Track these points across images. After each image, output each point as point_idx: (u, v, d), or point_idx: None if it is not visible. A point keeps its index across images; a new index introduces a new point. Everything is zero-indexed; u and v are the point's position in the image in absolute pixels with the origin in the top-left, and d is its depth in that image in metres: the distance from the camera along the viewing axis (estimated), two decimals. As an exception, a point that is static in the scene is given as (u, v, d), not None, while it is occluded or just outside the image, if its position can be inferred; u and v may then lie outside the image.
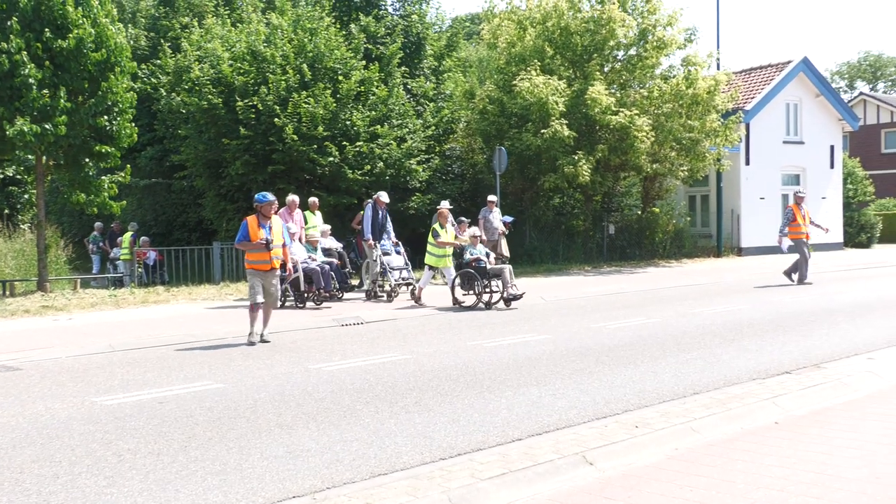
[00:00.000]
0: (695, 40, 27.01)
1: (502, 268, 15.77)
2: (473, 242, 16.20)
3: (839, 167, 34.73)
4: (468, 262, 15.75)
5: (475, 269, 15.60)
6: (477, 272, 15.53)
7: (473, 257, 15.80)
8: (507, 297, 15.50)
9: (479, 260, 15.71)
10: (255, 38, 24.00)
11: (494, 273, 15.67)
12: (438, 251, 16.32)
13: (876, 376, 8.57)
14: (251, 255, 11.81)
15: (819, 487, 5.27)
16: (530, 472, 5.66)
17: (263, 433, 6.85)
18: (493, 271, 15.71)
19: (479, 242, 16.51)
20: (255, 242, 11.65)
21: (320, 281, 15.77)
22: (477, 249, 16.07)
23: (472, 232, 16.45)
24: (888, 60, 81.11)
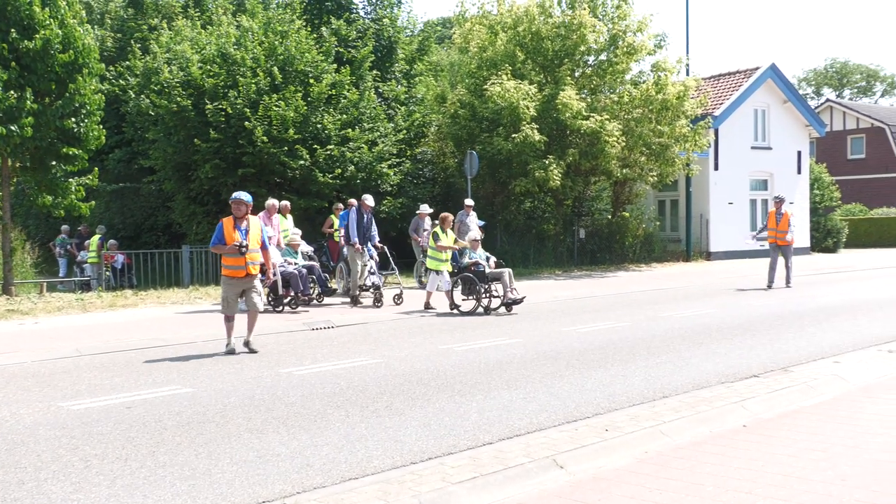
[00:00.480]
0: (664, 46, 27.30)
1: (502, 271, 15.41)
2: (473, 246, 15.95)
3: (806, 173, 35.16)
4: (466, 265, 15.52)
5: (474, 272, 15.36)
6: (476, 276, 15.26)
7: (472, 261, 15.57)
8: (507, 302, 15.22)
9: (477, 264, 15.48)
10: (225, 40, 23.86)
11: (494, 277, 15.40)
12: (439, 255, 15.96)
13: (842, 379, 8.68)
14: (227, 260, 11.13)
15: (786, 489, 5.33)
16: (501, 475, 5.66)
17: (233, 438, 6.80)
18: (493, 275, 15.44)
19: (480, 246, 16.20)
20: (230, 246, 10.96)
21: (298, 285, 15.67)
22: (476, 253, 15.82)
23: (472, 235, 16.25)
24: (854, 67, 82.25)
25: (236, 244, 10.88)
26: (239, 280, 11.15)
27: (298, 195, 22.54)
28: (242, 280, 11.17)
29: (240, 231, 11.03)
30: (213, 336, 12.62)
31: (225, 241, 10.98)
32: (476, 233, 16.56)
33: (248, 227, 11.15)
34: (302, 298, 15.86)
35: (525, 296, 15.50)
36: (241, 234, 11.01)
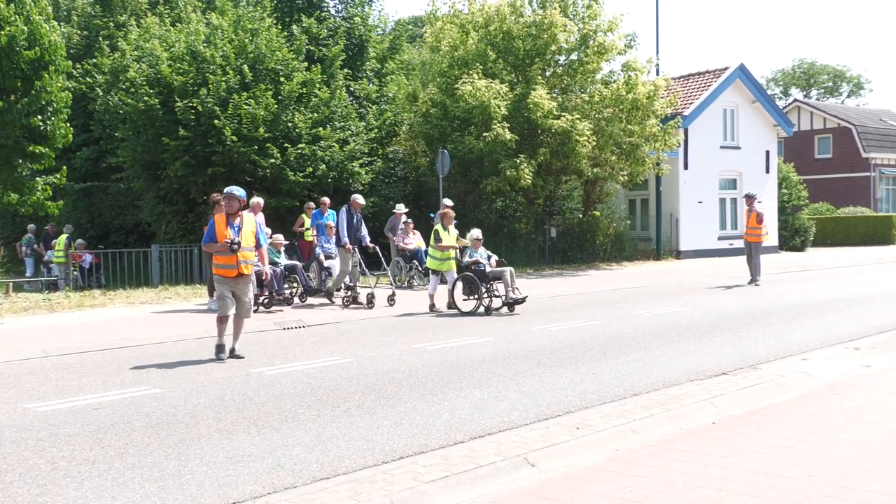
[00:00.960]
0: (635, 46, 27.41)
1: (503, 270, 14.95)
2: (475, 245, 15.43)
3: (774, 172, 35.53)
4: (467, 265, 15.13)
5: (474, 272, 14.96)
6: (476, 275, 14.87)
7: (472, 260, 15.15)
8: (508, 302, 14.79)
9: (478, 263, 15.07)
10: (194, 38, 23.66)
11: (495, 276, 15.01)
12: (440, 254, 15.58)
13: (810, 376, 8.78)
14: (218, 258, 10.55)
15: (755, 486, 5.37)
16: (472, 474, 5.66)
17: (203, 439, 6.75)
18: (494, 274, 15.04)
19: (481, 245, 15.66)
20: (220, 244, 10.40)
21: (273, 284, 15.56)
22: (478, 252, 15.35)
23: (474, 234, 15.58)
24: (821, 68, 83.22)
25: (227, 241, 10.34)
26: (231, 280, 10.57)
27: (269, 194, 22.40)
28: (235, 280, 10.58)
29: (232, 228, 10.50)
30: (183, 336, 12.54)
31: (216, 238, 10.47)
32: (477, 231, 15.80)
33: (241, 224, 10.63)
34: (277, 298, 15.76)
35: (527, 295, 15.08)
36: (234, 231, 10.47)
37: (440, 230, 15.65)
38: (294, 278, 16.50)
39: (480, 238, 15.55)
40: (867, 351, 10.32)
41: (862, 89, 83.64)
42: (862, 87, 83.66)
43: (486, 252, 15.67)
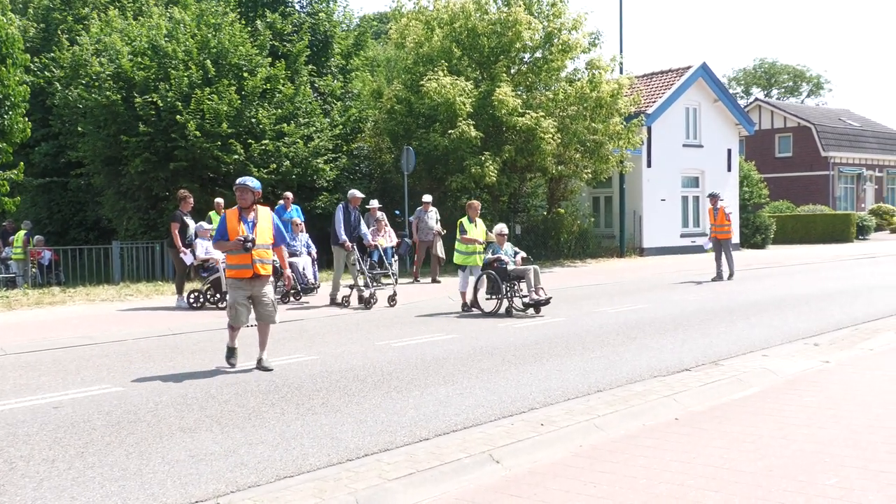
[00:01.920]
0: (599, 44, 27.50)
1: (527, 269, 14.09)
2: (499, 241, 14.58)
3: (736, 170, 35.92)
4: (489, 261, 14.32)
5: (496, 269, 14.17)
6: (497, 273, 14.08)
7: (495, 256, 14.28)
8: (531, 303, 13.93)
9: (500, 260, 14.21)
10: (156, 32, 23.39)
11: (517, 275, 14.15)
12: (466, 248, 14.77)
13: (770, 373, 8.89)
14: (230, 258, 9.54)
15: (717, 481, 5.43)
16: (437, 471, 5.66)
17: (165, 437, 6.68)
18: (516, 273, 14.18)
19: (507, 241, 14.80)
20: (233, 242, 9.33)
21: None
22: (502, 249, 14.49)
23: (498, 229, 14.71)
24: (782, 68, 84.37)
25: (240, 239, 9.28)
26: (246, 282, 9.44)
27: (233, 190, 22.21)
28: (250, 282, 9.43)
29: (245, 224, 9.43)
30: (146, 334, 12.40)
31: (228, 235, 9.40)
32: (502, 226, 14.84)
33: (256, 220, 9.52)
34: None
35: (551, 297, 14.20)
36: (248, 227, 9.41)
37: (465, 223, 14.91)
38: None
39: (505, 233, 14.75)
40: (826, 347, 10.48)
41: (821, 89, 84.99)
42: (821, 87, 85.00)
43: (513, 248, 14.86)
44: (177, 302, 15.59)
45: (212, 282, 15.26)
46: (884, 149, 55.28)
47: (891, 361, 9.48)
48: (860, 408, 7.25)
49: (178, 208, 16.01)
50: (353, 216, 15.75)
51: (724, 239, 20.58)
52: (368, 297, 15.17)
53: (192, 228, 15.73)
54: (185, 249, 15.42)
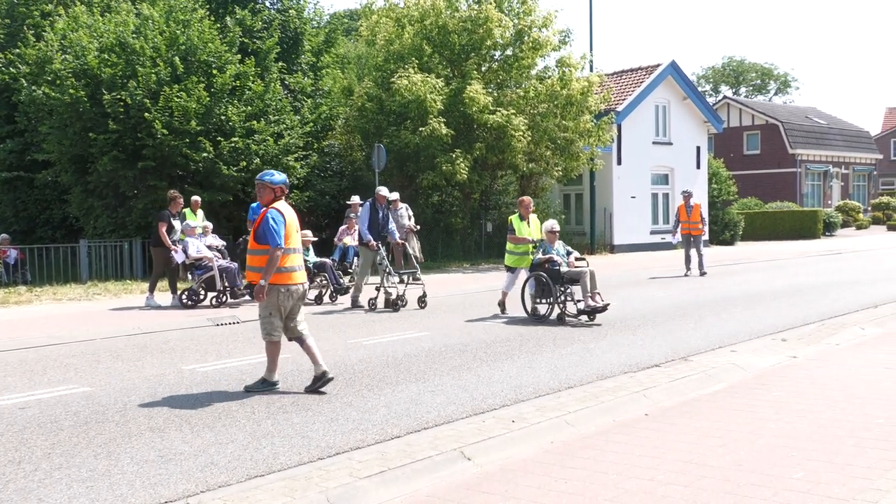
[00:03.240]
0: (569, 42, 27.67)
1: (582, 271, 12.71)
2: (550, 239, 13.30)
3: (705, 167, 36.24)
4: (539, 262, 13.04)
5: (547, 271, 12.85)
6: (549, 276, 12.75)
7: (546, 257, 12.99)
8: (587, 310, 12.54)
9: (552, 261, 12.94)
10: (124, 28, 23.12)
11: (571, 278, 12.77)
12: (518, 248, 13.68)
13: (739, 368, 8.98)
14: (281, 259, 8.00)
15: (686, 476, 5.47)
16: (409, 469, 5.66)
17: (134, 437, 6.62)
18: (570, 275, 12.80)
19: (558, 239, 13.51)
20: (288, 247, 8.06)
21: (234, 279, 15.33)
22: (553, 248, 13.22)
23: (549, 226, 13.35)
24: (750, 66, 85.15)
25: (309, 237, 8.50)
26: (298, 289, 8.25)
27: (202, 188, 22.05)
28: (303, 287, 8.33)
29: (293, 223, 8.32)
30: (114, 333, 12.28)
31: (283, 238, 8.00)
32: (553, 222, 13.51)
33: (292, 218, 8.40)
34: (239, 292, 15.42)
35: (609, 303, 12.81)
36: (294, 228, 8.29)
37: (515, 221, 13.77)
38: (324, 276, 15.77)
39: (557, 230, 13.44)
40: (793, 342, 10.60)
41: (789, 87, 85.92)
42: (789, 85, 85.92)
43: (565, 247, 13.59)
44: (147, 301, 15.42)
45: (205, 280, 15.20)
46: (849, 146, 56.02)
47: (856, 356, 9.61)
48: (826, 402, 7.35)
49: (165, 208, 15.97)
50: (381, 214, 15.13)
51: (697, 235, 21.08)
52: (396, 298, 14.58)
53: (178, 229, 15.72)
54: (175, 248, 15.41)
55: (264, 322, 8.20)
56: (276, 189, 8.21)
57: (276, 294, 8.04)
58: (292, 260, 8.16)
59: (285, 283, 8.07)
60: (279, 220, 7.99)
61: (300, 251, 8.38)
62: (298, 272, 8.23)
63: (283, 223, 8.01)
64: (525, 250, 13.57)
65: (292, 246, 8.14)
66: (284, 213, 8.11)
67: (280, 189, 8.22)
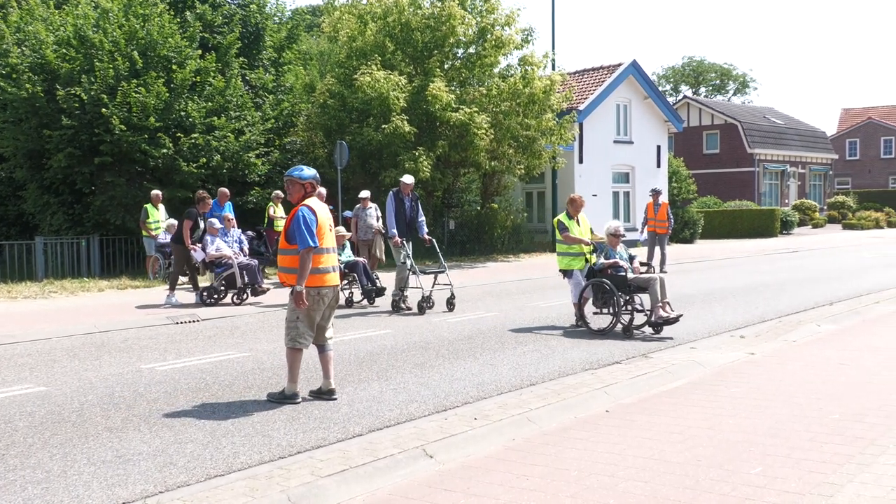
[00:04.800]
0: (532, 41, 27.71)
1: (651, 278, 11.25)
2: (612, 242, 11.78)
3: (665, 166, 36.57)
4: (601, 267, 11.59)
5: (611, 277, 11.41)
6: (613, 283, 11.33)
7: (611, 261, 11.56)
8: (657, 321, 11.15)
9: (617, 266, 11.51)
10: (82, 21, 22.76)
11: (639, 286, 11.32)
12: (572, 248, 12.15)
13: (698, 364, 9.08)
14: (314, 260, 7.51)
15: (646, 471, 5.52)
16: (371, 467, 5.64)
17: (91, 438, 6.52)
18: (638, 283, 11.32)
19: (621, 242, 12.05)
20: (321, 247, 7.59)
21: (255, 276, 15.22)
22: (616, 252, 11.78)
23: (612, 228, 11.88)
24: (709, 66, 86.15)
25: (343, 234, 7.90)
26: (332, 290, 7.81)
27: (161, 185, 21.78)
28: (334, 291, 7.87)
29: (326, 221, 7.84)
30: (69, 332, 12.09)
31: (316, 239, 7.49)
32: (617, 224, 12.08)
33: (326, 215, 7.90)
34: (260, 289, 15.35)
35: (682, 314, 11.46)
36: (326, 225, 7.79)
37: (564, 219, 12.34)
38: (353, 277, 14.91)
39: (621, 234, 11.94)
40: (751, 339, 10.74)
41: (747, 87, 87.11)
42: (747, 86, 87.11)
43: (627, 251, 12.11)
44: (167, 299, 15.24)
45: (225, 278, 15.11)
46: (806, 146, 56.89)
47: (812, 352, 9.77)
48: (784, 398, 7.46)
49: (195, 206, 15.86)
50: (408, 205, 14.01)
51: (663, 234, 21.37)
52: (421, 301, 13.70)
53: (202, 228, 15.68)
54: (194, 246, 15.30)
55: (290, 327, 7.62)
56: (307, 185, 7.68)
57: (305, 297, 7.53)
58: (326, 260, 7.65)
59: (317, 285, 7.56)
60: (311, 218, 7.47)
61: (334, 251, 7.89)
62: (332, 274, 7.72)
63: (314, 222, 7.48)
64: (579, 250, 12.09)
65: (326, 245, 7.65)
66: (317, 210, 7.59)
67: (310, 185, 7.69)
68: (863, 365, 8.91)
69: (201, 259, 15.39)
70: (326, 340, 7.84)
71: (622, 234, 11.91)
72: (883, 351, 9.78)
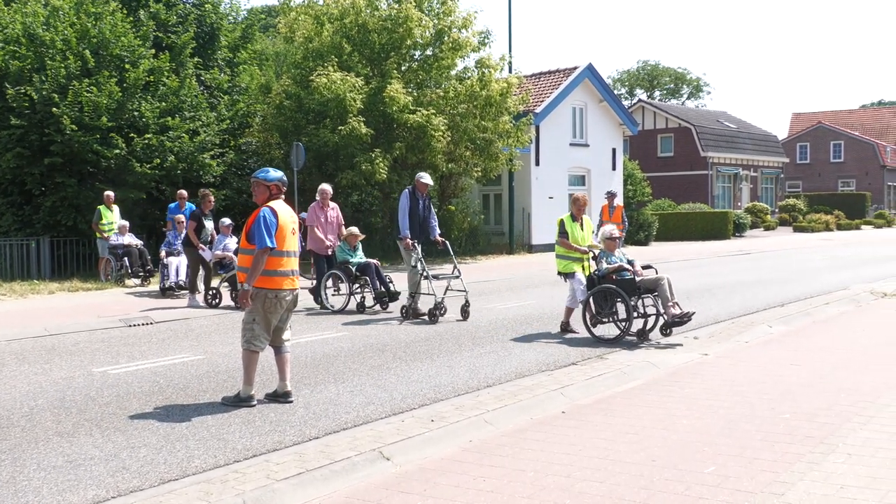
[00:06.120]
0: (488, 43, 27.81)
1: (659, 278, 10.87)
2: (609, 247, 11.41)
3: (620, 169, 36.92)
4: (605, 273, 11.09)
5: (618, 283, 10.86)
6: (622, 288, 10.79)
7: (614, 266, 11.07)
8: (671, 321, 10.60)
9: (622, 269, 10.99)
10: (32, 19, 22.35)
11: (648, 288, 10.87)
12: (570, 253, 11.73)
13: (653, 365, 9.17)
14: (270, 262, 7.49)
15: (602, 472, 5.56)
16: (327, 470, 5.61)
17: (41, 442, 6.40)
18: (646, 284, 10.88)
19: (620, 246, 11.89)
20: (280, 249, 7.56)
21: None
22: (616, 256, 11.37)
23: (607, 232, 11.52)
24: (663, 70, 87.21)
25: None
26: (291, 294, 7.77)
27: (114, 185, 21.45)
28: (293, 294, 7.83)
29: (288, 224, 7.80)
30: (18, 335, 11.85)
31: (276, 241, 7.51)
32: (612, 228, 11.70)
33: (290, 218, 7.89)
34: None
35: (694, 311, 11.26)
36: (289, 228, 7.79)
37: (567, 222, 11.82)
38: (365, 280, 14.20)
39: (616, 237, 11.61)
40: (705, 340, 10.87)
41: (701, 91, 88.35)
42: (701, 90, 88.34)
43: (625, 255, 11.75)
44: (189, 301, 15.03)
45: (228, 279, 14.99)
46: (758, 150, 57.80)
47: (765, 353, 9.92)
48: (736, 398, 7.56)
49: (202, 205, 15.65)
50: (422, 205, 13.30)
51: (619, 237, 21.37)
52: (433, 308, 12.81)
53: (209, 228, 15.52)
54: (203, 246, 15.15)
55: (245, 329, 7.60)
56: (272, 186, 7.71)
57: (262, 299, 7.51)
58: (286, 263, 7.63)
59: (275, 287, 7.53)
60: (272, 220, 7.48)
61: (296, 255, 7.79)
62: (291, 278, 7.69)
63: (275, 224, 7.48)
64: (580, 256, 11.71)
65: (287, 248, 7.61)
66: (279, 212, 7.59)
67: (276, 187, 7.72)
68: (813, 365, 9.07)
69: (209, 258, 15.28)
70: (283, 342, 7.81)
71: (618, 237, 11.64)
72: (833, 352, 9.97)
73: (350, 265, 14.21)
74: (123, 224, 18.67)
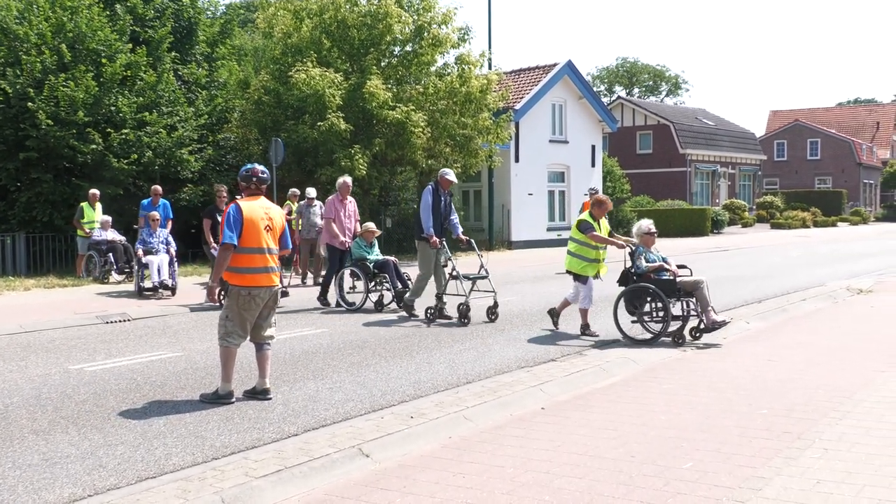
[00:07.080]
0: (468, 40, 27.78)
1: (698, 281, 10.42)
2: (647, 242, 10.75)
3: (599, 166, 37.04)
4: (643, 272, 10.53)
5: (656, 283, 10.37)
6: (661, 289, 10.31)
7: (654, 265, 10.53)
8: (714, 327, 10.30)
9: (662, 269, 10.49)
10: (5, 13, 22.11)
11: (687, 290, 10.36)
12: (590, 253, 11.31)
13: (631, 361, 9.21)
14: (240, 259, 7.48)
15: (581, 468, 5.58)
16: (306, 467, 5.59)
17: (16, 441, 6.33)
18: (686, 287, 10.36)
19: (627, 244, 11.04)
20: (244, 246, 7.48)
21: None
22: (654, 254, 10.75)
23: (644, 227, 10.86)
24: (642, 67, 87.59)
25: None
26: (263, 291, 7.64)
27: (91, 181, 21.28)
28: (269, 290, 7.70)
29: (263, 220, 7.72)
30: (-6, 332, 11.72)
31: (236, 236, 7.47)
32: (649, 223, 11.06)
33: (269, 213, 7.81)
34: None
35: (731, 319, 10.93)
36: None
37: (587, 219, 11.43)
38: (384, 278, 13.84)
39: (654, 231, 10.90)
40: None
41: (680, 88, 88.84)
42: (680, 87, 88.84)
43: (660, 254, 10.98)
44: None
45: None
46: (736, 147, 58.21)
47: (742, 349, 9.98)
48: (714, 394, 7.60)
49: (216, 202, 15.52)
50: (444, 202, 12.85)
51: None
52: (465, 310, 12.23)
53: None
54: (214, 245, 14.75)
55: (220, 324, 7.61)
56: (240, 183, 7.81)
57: (235, 296, 7.51)
58: (258, 261, 7.51)
59: (247, 284, 7.47)
60: (236, 216, 7.44)
61: (270, 252, 7.63)
62: (263, 274, 7.54)
63: (240, 220, 7.42)
64: (597, 257, 11.37)
65: (256, 245, 7.49)
66: (244, 209, 7.50)
67: (244, 183, 7.75)
68: (790, 361, 9.14)
69: None
70: (265, 339, 7.77)
71: (655, 232, 10.87)
72: (809, 347, 10.05)
73: (367, 262, 13.88)
74: (106, 219, 18.52)
